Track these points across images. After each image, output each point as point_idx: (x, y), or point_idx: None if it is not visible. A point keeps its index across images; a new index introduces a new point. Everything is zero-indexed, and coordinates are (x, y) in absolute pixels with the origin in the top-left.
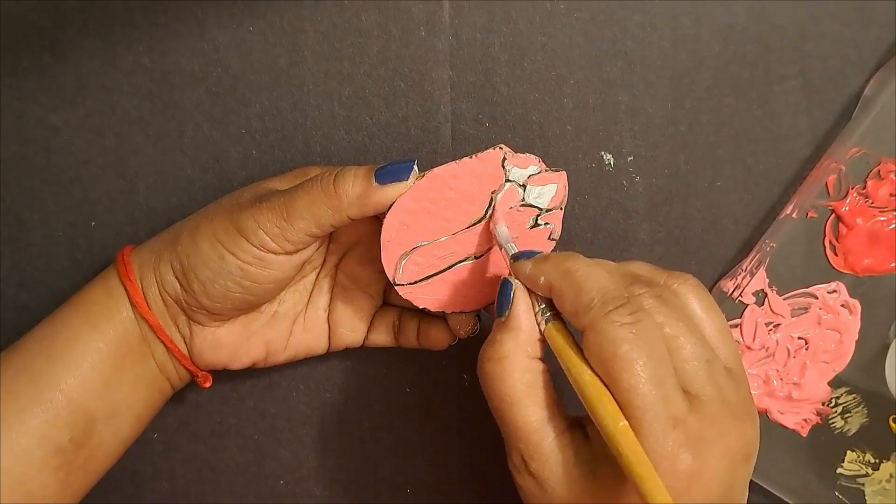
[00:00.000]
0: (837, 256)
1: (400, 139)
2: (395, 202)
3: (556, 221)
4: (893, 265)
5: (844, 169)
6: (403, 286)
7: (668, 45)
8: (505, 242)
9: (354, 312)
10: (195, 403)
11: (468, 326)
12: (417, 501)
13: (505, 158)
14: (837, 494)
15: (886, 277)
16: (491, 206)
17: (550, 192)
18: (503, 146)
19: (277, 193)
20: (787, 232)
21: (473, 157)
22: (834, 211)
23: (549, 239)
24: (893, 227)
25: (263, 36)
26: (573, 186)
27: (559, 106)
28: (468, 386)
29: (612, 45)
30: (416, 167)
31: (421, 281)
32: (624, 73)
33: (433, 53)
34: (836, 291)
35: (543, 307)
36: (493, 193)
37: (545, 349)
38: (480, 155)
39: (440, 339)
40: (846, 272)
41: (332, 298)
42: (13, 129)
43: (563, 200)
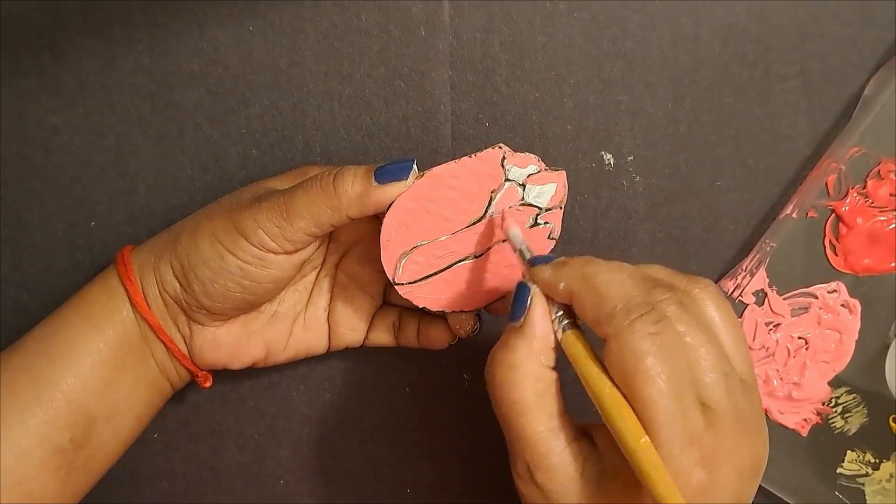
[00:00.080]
0: (837, 256)
1: (400, 139)
2: (394, 201)
3: (555, 221)
4: (893, 265)
5: (844, 169)
6: (403, 286)
7: (668, 45)
8: (520, 245)
9: (354, 312)
10: (195, 403)
11: (468, 326)
12: (417, 501)
13: (504, 158)
14: (837, 494)
15: (886, 277)
16: (491, 204)
17: (550, 191)
18: (502, 145)
19: (277, 193)
20: (787, 232)
21: (473, 156)
22: (834, 211)
23: (548, 238)
24: (893, 226)
25: (263, 36)
26: (573, 186)
27: (559, 106)
28: (468, 386)
29: (612, 45)
30: (415, 167)
31: (421, 280)
32: (624, 73)
33: (433, 53)
34: (836, 291)
35: (561, 314)
36: (492, 193)
37: (558, 356)
38: (480, 154)
39: (440, 338)
40: (846, 272)
41: (332, 298)
42: (13, 129)
43: (562, 200)
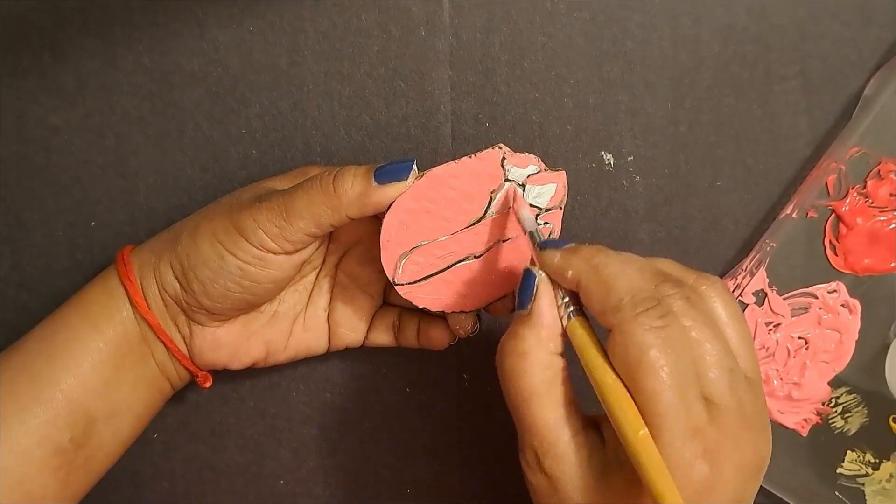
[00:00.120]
0: (837, 256)
1: (400, 139)
2: (394, 202)
3: (555, 221)
4: (893, 265)
5: (844, 169)
6: (403, 286)
7: (668, 45)
8: (531, 227)
9: (354, 312)
10: (195, 403)
11: (468, 326)
12: (417, 501)
13: (504, 158)
14: (837, 494)
15: (886, 277)
16: (490, 204)
17: (550, 191)
18: (502, 146)
19: (277, 193)
20: (787, 232)
21: (473, 156)
22: (834, 211)
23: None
24: (893, 226)
25: (263, 36)
26: (573, 186)
27: (559, 106)
28: (468, 386)
29: (612, 45)
30: (415, 167)
31: (420, 280)
32: (624, 73)
33: (433, 53)
34: (836, 291)
35: (566, 300)
36: (492, 193)
37: (566, 344)
38: (479, 154)
39: (440, 338)
40: (846, 272)
41: (332, 298)
42: (13, 129)
43: (562, 200)
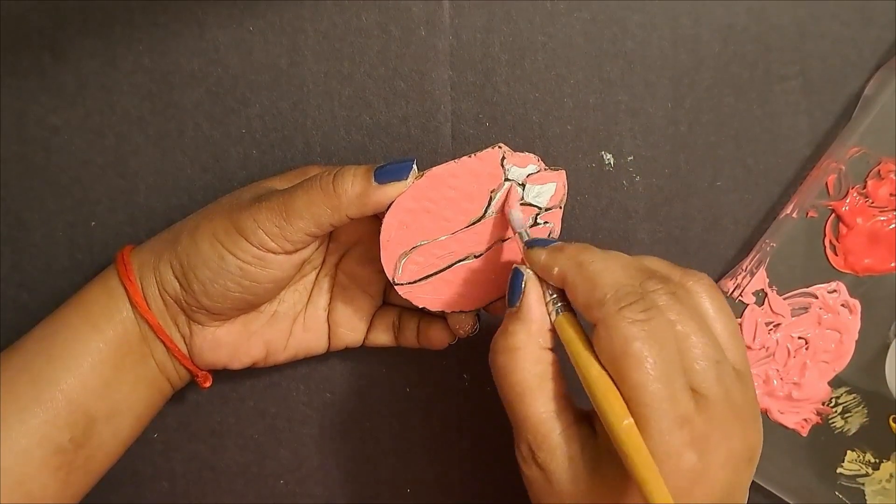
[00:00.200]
0: (837, 256)
1: (400, 139)
2: (394, 202)
3: (555, 220)
4: (893, 265)
5: (844, 169)
6: (403, 286)
7: (668, 45)
8: (519, 227)
9: (354, 312)
10: (195, 403)
11: (468, 326)
12: (417, 501)
13: (504, 157)
14: (837, 494)
15: (886, 277)
16: (490, 204)
17: (549, 190)
18: (502, 145)
19: (277, 193)
20: (787, 232)
21: (472, 156)
22: (834, 211)
23: (548, 238)
24: (893, 226)
25: (263, 36)
26: (573, 186)
27: (559, 106)
28: (468, 386)
29: (612, 45)
30: (415, 166)
31: (420, 280)
32: (624, 73)
33: (433, 53)
34: (836, 291)
35: (555, 297)
36: (492, 192)
37: (556, 339)
38: (479, 154)
39: (440, 338)
40: (846, 272)
41: (331, 298)
42: (13, 129)
43: (562, 199)
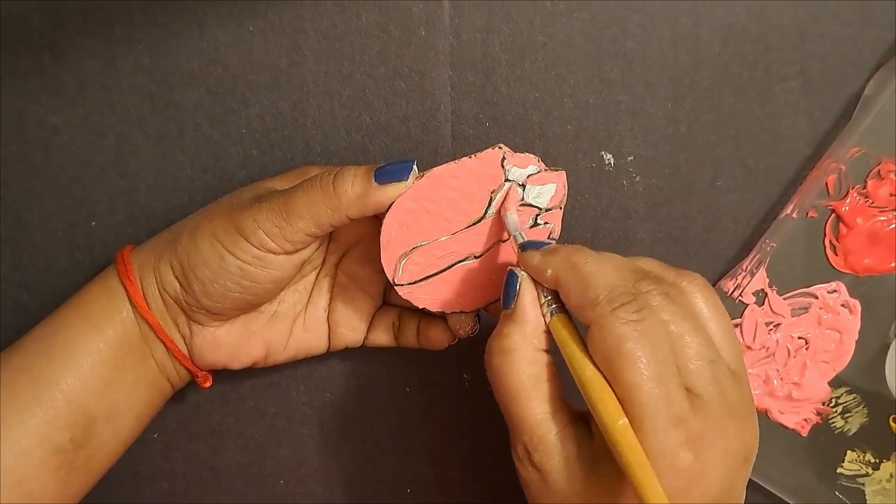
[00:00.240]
0: (837, 256)
1: (400, 139)
2: (394, 202)
3: (555, 221)
4: (893, 265)
5: (844, 169)
6: (403, 286)
7: (668, 45)
8: (514, 230)
9: (354, 312)
10: (195, 403)
11: (468, 326)
12: (417, 501)
13: (504, 158)
14: (837, 494)
15: (886, 277)
16: (491, 205)
17: (550, 191)
18: (502, 146)
19: (277, 193)
20: (787, 232)
21: (473, 156)
22: (834, 211)
23: (548, 238)
24: (893, 226)
25: (263, 36)
26: (573, 186)
27: (559, 106)
28: (468, 386)
29: (612, 45)
30: (415, 167)
31: (420, 281)
32: (624, 73)
33: (433, 53)
34: (836, 291)
35: (549, 298)
36: (492, 193)
37: (551, 341)
38: (480, 154)
39: (440, 338)
40: (846, 272)
41: (331, 298)
42: (13, 129)
43: (562, 200)
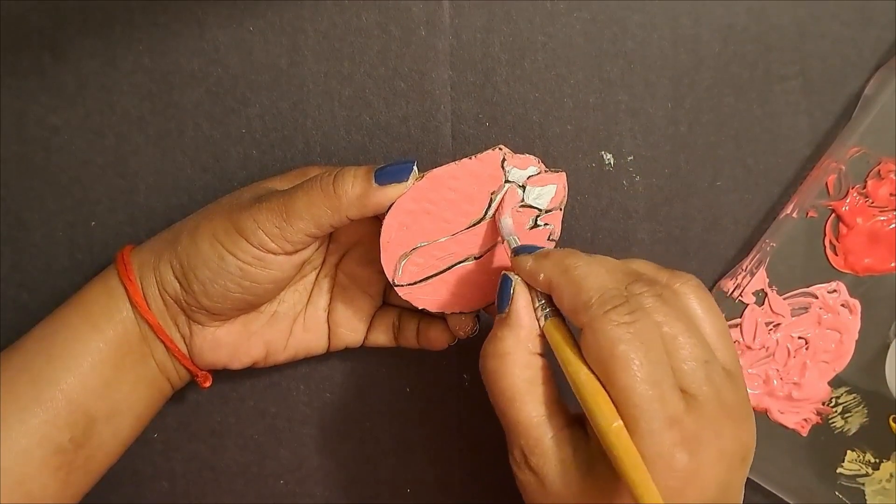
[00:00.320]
0: (837, 256)
1: (400, 139)
2: (394, 203)
3: (555, 222)
4: (893, 265)
5: (844, 169)
6: (403, 287)
7: (668, 45)
8: (508, 235)
9: (354, 312)
10: (195, 403)
11: (467, 327)
12: (417, 501)
13: (504, 159)
14: (837, 494)
15: (886, 277)
16: (491, 206)
17: (550, 192)
18: (503, 147)
19: (277, 194)
20: (787, 232)
21: (473, 157)
22: (834, 211)
23: (548, 240)
24: (893, 226)
25: (263, 36)
26: (573, 186)
27: (559, 106)
28: (468, 386)
29: (612, 45)
30: (415, 168)
31: (420, 282)
32: (624, 73)
33: (433, 53)
34: (836, 291)
35: (543, 303)
36: (492, 194)
37: (546, 344)
38: (480, 156)
39: (440, 339)
40: (846, 272)
41: (331, 298)
42: (13, 129)
43: (562, 201)
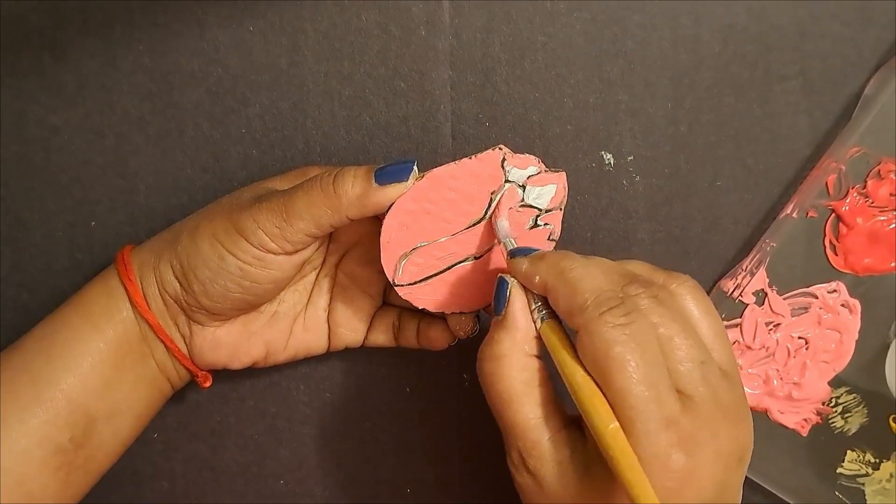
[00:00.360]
0: (837, 256)
1: (400, 139)
2: (394, 203)
3: (555, 222)
4: (893, 265)
5: (844, 169)
6: (403, 287)
7: (668, 45)
8: (504, 237)
9: (354, 312)
10: (195, 403)
11: (467, 327)
12: (417, 501)
13: (504, 159)
14: (837, 494)
15: (886, 277)
16: (491, 206)
17: (550, 192)
18: (503, 147)
19: (277, 193)
20: (787, 232)
21: (473, 157)
22: (834, 211)
23: (548, 240)
24: (893, 226)
25: (263, 36)
26: (573, 186)
27: (559, 106)
28: (468, 386)
29: (612, 45)
30: (415, 168)
31: (420, 281)
32: (624, 73)
33: (433, 53)
34: (836, 291)
35: (539, 305)
36: (492, 194)
37: (542, 347)
38: (480, 155)
39: (440, 339)
40: (846, 272)
41: (331, 298)
42: (13, 129)
43: (562, 201)
